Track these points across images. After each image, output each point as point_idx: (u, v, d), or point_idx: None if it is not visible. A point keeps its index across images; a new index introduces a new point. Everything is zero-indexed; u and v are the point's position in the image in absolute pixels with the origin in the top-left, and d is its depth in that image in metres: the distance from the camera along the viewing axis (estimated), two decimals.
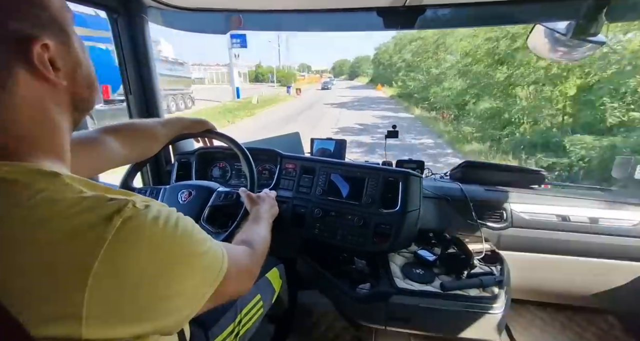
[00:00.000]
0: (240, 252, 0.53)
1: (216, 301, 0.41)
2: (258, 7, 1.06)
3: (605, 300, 1.27)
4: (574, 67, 6.25)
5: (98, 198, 0.32)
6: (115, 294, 0.30)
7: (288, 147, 1.26)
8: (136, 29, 1.12)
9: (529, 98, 7.84)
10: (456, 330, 0.86)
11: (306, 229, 1.09)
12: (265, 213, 0.78)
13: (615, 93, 5.52)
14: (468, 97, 9.92)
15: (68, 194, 0.31)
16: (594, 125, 5.91)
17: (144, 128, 0.76)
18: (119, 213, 0.31)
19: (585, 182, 4.58)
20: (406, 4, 0.94)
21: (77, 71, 0.38)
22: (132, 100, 1.21)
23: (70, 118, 0.40)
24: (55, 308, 0.28)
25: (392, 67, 31.75)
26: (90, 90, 0.41)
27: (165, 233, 0.34)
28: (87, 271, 0.28)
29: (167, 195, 0.93)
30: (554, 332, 1.35)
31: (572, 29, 0.92)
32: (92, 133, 0.65)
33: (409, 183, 1.00)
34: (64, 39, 0.36)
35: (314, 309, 1.43)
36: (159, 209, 0.35)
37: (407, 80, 18.63)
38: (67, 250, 0.29)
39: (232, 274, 0.43)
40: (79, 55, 0.39)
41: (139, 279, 0.31)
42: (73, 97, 0.39)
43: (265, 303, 0.92)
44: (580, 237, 1.16)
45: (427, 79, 15.04)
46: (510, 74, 7.78)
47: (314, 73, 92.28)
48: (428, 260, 0.99)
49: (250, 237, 0.63)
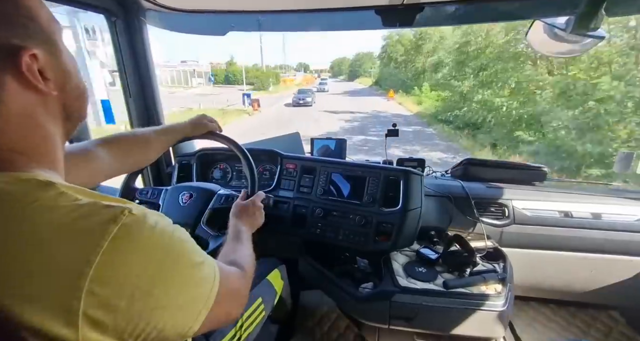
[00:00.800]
0: (232, 273, 0.50)
1: (209, 324, 0.39)
2: (255, 8, 1.06)
3: (609, 296, 1.27)
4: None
5: (94, 205, 0.32)
6: (111, 301, 0.30)
7: (288, 147, 1.26)
8: (135, 32, 1.12)
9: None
10: (460, 328, 0.86)
11: (307, 229, 1.08)
12: (245, 228, 0.73)
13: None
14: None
15: (63, 202, 0.32)
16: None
17: (139, 138, 0.75)
18: (116, 220, 0.31)
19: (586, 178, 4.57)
20: (404, 2, 0.94)
21: (66, 81, 0.39)
22: (131, 103, 1.21)
23: (62, 129, 0.40)
24: (52, 315, 0.28)
25: (408, 65, 23.81)
26: (80, 101, 0.42)
27: (162, 242, 0.34)
28: (84, 278, 0.28)
29: (169, 196, 0.93)
30: (557, 329, 1.35)
31: (572, 24, 0.91)
32: (85, 146, 0.65)
33: (410, 181, 0.99)
34: (53, 49, 0.37)
35: (316, 309, 1.43)
36: (155, 218, 0.35)
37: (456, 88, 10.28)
38: (63, 257, 0.29)
39: (223, 293, 0.41)
40: (67, 66, 0.39)
41: (135, 286, 0.31)
42: (64, 108, 0.39)
43: (267, 306, 0.92)
44: (583, 232, 1.16)
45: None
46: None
47: (311, 72, 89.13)
48: (430, 258, 0.99)
49: (238, 258, 0.59)
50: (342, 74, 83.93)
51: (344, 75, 79.63)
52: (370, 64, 59.87)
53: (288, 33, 4.83)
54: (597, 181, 1.62)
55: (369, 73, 57.61)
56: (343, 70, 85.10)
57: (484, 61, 9.93)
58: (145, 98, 1.23)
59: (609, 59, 5.98)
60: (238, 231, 0.71)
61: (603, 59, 6.04)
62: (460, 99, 11.00)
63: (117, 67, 1.16)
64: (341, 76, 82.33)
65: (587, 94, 5.90)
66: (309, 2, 1.00)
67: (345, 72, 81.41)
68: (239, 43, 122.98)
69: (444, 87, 12.58)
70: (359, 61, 70.42)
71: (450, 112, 11.23)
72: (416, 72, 22.32)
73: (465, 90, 10.64)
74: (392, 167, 1.21)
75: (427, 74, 17.94)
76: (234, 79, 38.27)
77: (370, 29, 1.15)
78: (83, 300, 0.28)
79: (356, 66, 70.31)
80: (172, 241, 0.36)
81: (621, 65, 5.79)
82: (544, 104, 7.16)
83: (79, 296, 0.28)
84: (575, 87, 6.22)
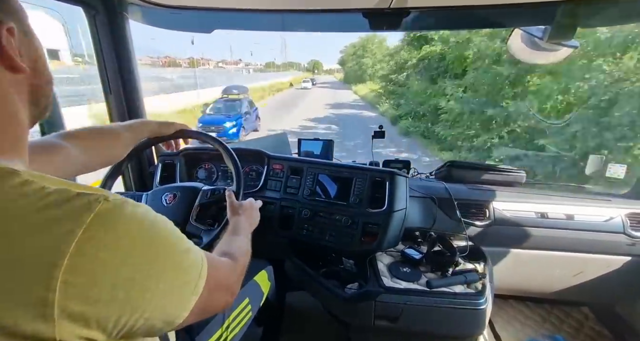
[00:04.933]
0: (221, 262, 0.50)
1: (199, 312, 0.39)
2: (242, 6, 1.05)
3: (580, 293, 1.33)
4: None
5: (64, 192, 0.30)
6: (90, 291, 0.28)
7: (275, 148, 1.25)
8: (116, 27, 1.09)
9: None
10: (443, 327, 0.88)
11: (294, 230, 1.08)
12: (246, 225, 0.74)
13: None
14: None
15: (28, 191, 0.29)
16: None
17: (105, 132, 0.72)
18: (90, 208, 0.29)
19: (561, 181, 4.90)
20: (391, 5, 0.95)
21: (37, 62, 0.39)
22: (112, 100, 1.16)
23: (29, 114, 0.39)
24: (26, 310, 0.26)
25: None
26: (49, 86, 0.42)
27: (143, 230, 0.33)
28: (57, 269, 0.27)
29: (150, 200, 0.89)
30: (534, 326, 1.41)
31: (548, 33, 0.96)
32: (50, 139, 0.61)
33: (396, 182, 1.01)
34: (27, 29, 0.37)
35: (302, 310, 1.42)
36: (135, 205, 0.34)
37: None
38: (32, 249, 0.27)
39: (212, 281, 0.40)
40: (39, 49, 0.39)
41: (116, 275, 0.30)
42: (32, 88, 0.39)
43: (254, 307, 0.91)
44: (557, 232, 1.21)
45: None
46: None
47: (325, 73, 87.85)
48: (414, 258, 1.00)
49: (231, 249, 0.59)
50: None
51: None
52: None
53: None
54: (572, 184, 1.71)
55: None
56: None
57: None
58: (126, 95, 1.19)
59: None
60: (237, 227, 0.71)
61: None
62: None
63: (97, 63, 1.11)
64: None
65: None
66: (296, 2, 1.00)
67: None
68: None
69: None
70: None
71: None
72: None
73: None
74: (378, 168, 1.22)
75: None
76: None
77: (357, 31, 1.17)
78: (58, 291, 0.27)
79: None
80: (154, 229, 0.34)
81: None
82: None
83: (54, 288, 0.26)
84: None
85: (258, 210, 0.84)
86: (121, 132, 0.74)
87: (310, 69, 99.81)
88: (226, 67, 63.14)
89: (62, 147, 0.61)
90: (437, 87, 9.96)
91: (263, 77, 35.70)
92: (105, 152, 0.72)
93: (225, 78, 28.28)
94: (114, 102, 1.17)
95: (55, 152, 0.60)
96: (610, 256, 1.23)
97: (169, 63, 41.39)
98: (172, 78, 19.42)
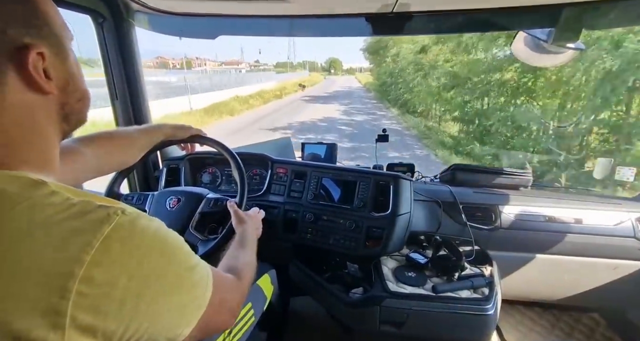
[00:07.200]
0: (227, 280, 0.50)
1: (200, 330, 0.39)
2: (246, 13, 1.06)
3: (590, 298, 1.31)
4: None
5: (87, 204, 0.32)
6: (101, 303, 0.29)
7: (279, 152, 1.26)
8: (123, 34, 1.11)
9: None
10: (449, 332, 0.87)
11: (298, 234, 1.08)
12: (253, 235, 0.74)
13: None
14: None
15: (55, 201, 0.31)
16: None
17: (122, 136, 0.74)
18: (108, 220, 0.31)
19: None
20: (394, 10, 0.96)
21: (69, 83, 0.39)
22: (118, 105, 1.18)
23: (59, 130, 0.40)
24: (38, 317, 0.27)
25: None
26: (81, 103, 0.42)
27: (155, 243, 0.34)
28: (74, 278, 0.28)
29: (155, 202, 0.90)
30: (542, 332, 1.38)
31: (552, 36, 0.96)
32: (68, 144, 0.63)
33: (400, 186, 1.00)
34: (60, 51, 0.38)
35: (306, 315, 1.41)
36: (149, 220, 0.35)
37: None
38: (53, 256, 0.28)
39: (216, 299, 0.40)
40: (72, 69, 0.40)
41: (127, 288, 0.30)
42: (63, 108, 0.39)
43: (257, 312, 0.90)
44: (566, 237, 1.19)
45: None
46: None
47: (345, 72, 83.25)
48: (420, 262, 0.99)
49: (237, 264, 0.58)
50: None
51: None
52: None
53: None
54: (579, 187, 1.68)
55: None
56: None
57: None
58: (132, 101, 1.21)
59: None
60: (244, 238, 0.71)
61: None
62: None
63: (104, 68, 1.13)
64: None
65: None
66: (300, 7, 1.01)
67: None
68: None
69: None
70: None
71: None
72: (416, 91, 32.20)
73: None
74: (382, 172, 1.22)
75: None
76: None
77: (361, 35, 1.17)
78: (72, 301, 0.27)
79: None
80: (165, 243, 0.35)
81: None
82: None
83: (68, 297, 0.27)
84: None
85: (261, 220, 0.85)
86: (137, 137, 0.76)
87: (327, 68, 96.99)
88: (225, 68, 61.94)
89: (79, 151, 0.63)
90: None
91: (257, 78, 25.71)
92: (120, 157, 0.74)
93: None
94: (120, 107, 1.19)
95: (74, 156, 0.61)
96: (620, 261, 1.20)
97: (159, 64, 40.63)
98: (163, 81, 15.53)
